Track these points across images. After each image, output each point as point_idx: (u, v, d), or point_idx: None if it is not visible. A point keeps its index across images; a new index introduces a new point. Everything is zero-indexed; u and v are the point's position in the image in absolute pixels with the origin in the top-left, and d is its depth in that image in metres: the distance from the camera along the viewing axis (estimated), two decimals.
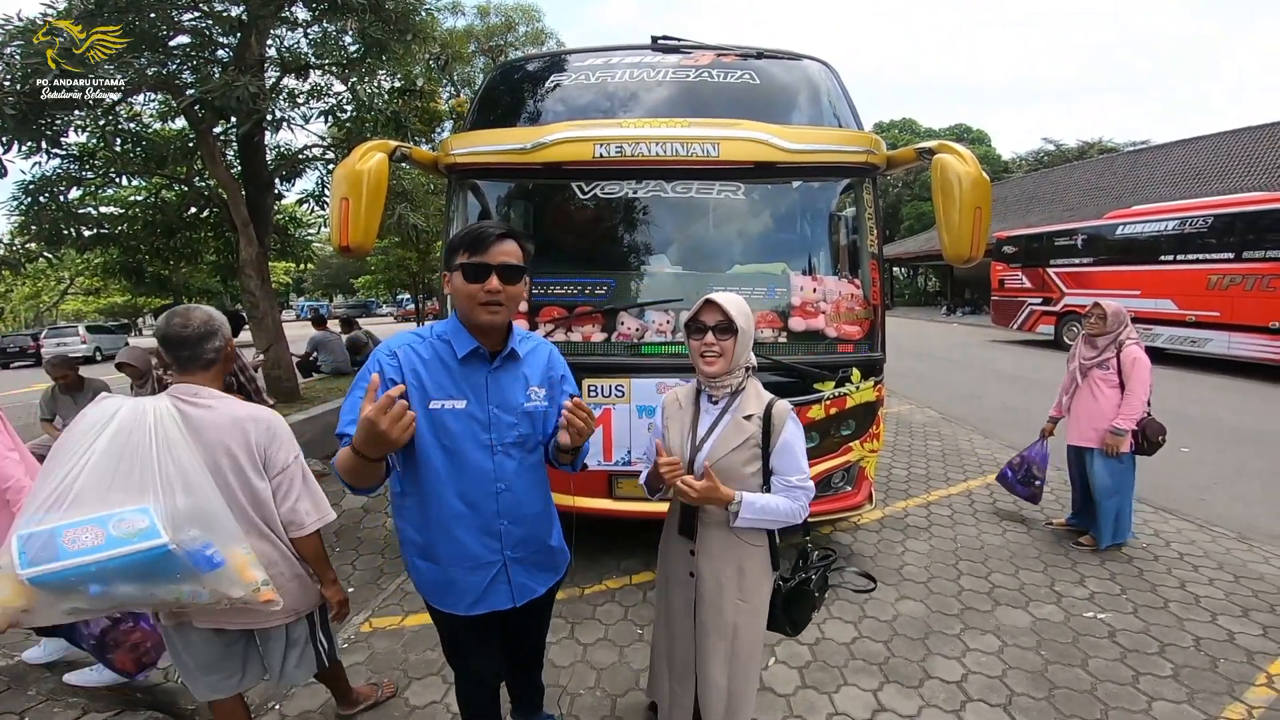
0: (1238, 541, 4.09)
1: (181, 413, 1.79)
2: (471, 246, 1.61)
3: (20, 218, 6.64)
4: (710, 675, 1.95)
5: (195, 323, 1.89)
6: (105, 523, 1.59)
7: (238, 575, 1.73)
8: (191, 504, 1.68)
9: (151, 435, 1.70)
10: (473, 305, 1.62)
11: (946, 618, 3.26)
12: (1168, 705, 2.57)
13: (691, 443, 1.93)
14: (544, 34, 22.35)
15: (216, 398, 1.87)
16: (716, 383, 1.90)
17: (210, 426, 1.80)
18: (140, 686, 2.76)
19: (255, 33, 6.21)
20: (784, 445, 1.86)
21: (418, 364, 1.66)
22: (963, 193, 2.92)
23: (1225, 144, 21.25)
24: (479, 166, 3.48)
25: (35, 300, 28.44)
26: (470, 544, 1.73)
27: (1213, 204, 11.47)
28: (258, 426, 1.87)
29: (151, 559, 1.60)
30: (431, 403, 1.65)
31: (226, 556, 1.71)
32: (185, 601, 1.73)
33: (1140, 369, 3.70)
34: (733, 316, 1.80)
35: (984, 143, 38.39)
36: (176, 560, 1.63)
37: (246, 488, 1.84)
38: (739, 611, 1.93)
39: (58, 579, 1.54)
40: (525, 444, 1.78)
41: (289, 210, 10.70)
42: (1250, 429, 7.07)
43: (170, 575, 1.65)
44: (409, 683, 2.79)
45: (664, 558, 2.15)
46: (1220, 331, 10.76)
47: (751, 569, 1.93)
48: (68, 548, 1.55)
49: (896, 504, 4.86)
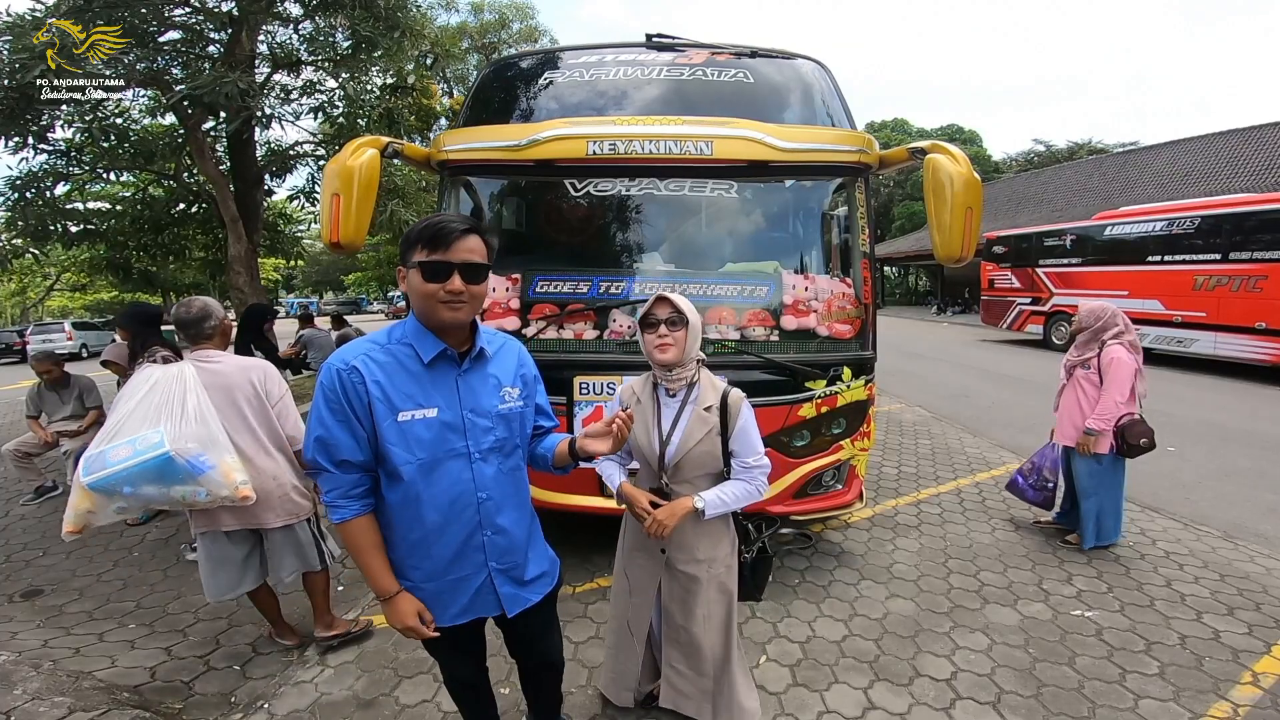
0: (1224, 540, 4.13)
1: (199, 369, 2.59)
2: (431, 242, 1.49)
3: (6, 214, 6.57)
4: (695, 638, 2.13)
5: (195, 309, 2.75)
6: (133, 442, 2.35)
7: (223, 478, 2.43)
8: (195, 428, 2.42)
9: (174, 385, 2.49)
10: (432, 304, 1.51)
11: (936, 616, 3.27)
12: (1154, 703, 2.59)
13: (659, 436, 2.05)
14: (537, 31, 22.34)
15: (223, 357, 2.72)
16: (672, 374, 2.03)
17: (223, 375, 2.62)
18: (127, 686, 2.75)
19: (246, 28, 6.16)
20: (741, 430, 2.03)
21: (379, 375, 1.54)
22: (954, 193, 2.93)
23: (1213, 145, 21.46)
24: (471, 163, 3.47)
25: (21, 297, 28.13)
26: (451, 560, 1.65)
27: (1200, 205, 11.57)
28: (255, 371, 2.69)
29: (160, 463, 2.32)
30: (400, 415, 1.55)
31: (216, 463, 2.43)
32: (190, 500, 2.44)
33: (1117, 368, 3.67)
34: (683, 309, 1.97)
35: (975, 143, 38.58)
36: (178, 465, 2.34)
37: (258, 414, 2.65)
38: (712, 578, 2.13)
39: (105, 483, 2.31)
40: (503, 448, 1.69)
41: (279, 206, 10.62)
42: (1236, 428, 7.14)
43: (176, 477, 2.37)
44: (399, 681, 2.78)
45: (630, 541, 2.26)
46: (1207, 332, 10.87)
47: (720, 543, 2.16)
48: (111, 460, 2.32)
49: (887, 502, 4.88)
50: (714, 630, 2.16)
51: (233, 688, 2.79)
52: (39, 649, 3.08)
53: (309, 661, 2.94)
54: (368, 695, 2.69)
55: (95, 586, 3.81)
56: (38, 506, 5.18)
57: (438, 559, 1.64)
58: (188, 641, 3.19)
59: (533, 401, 1.80)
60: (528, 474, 1.85)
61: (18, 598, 3.70)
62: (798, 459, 3.39)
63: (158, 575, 3.93)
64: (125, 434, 2.36)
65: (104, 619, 3.43)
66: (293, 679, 2.81)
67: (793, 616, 3.27)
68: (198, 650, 3.10)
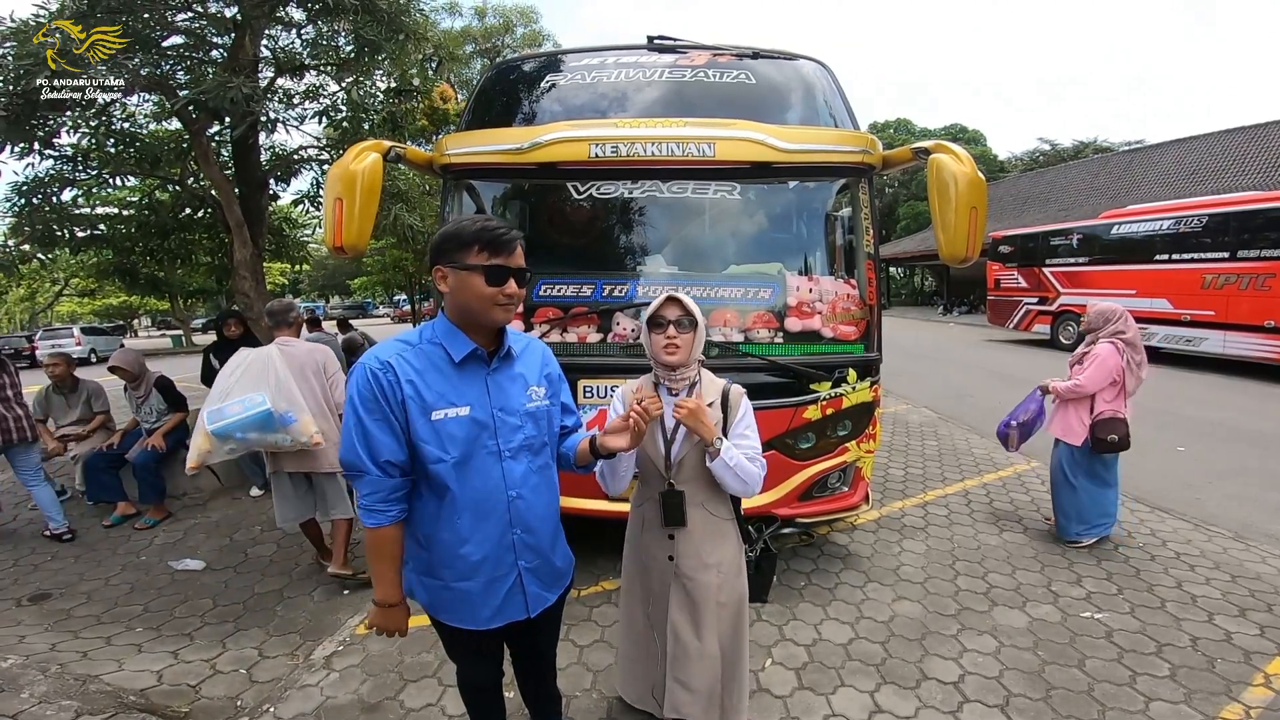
0: (1234, 541, 4.09)
1: (280, 351, 3.52)
2: (493, 246, 1.53)
3: (13, 219, 6.61)
4: (705, 644, 2.06)
5: (283, 304, 3.83)
6: (243, 401, 3.29)
7: (303, 429, 3.37)
8: (282, 393, 3.35)
9: (265, 362, 3.43)
10: (488, 306, 1.55)
11: (943, 618, 3.25)
12: (1165, 705, 2.57)
13: (663, 436, 2.05)
14: (541, 35, 22.39)
15: (296, 343, 3.68)
16: (677, 375, 2.02)
17: (297, 356, 3.59)
18: (134, 690, 2.75)
19: (249, 33, 6.17)
20: (740, 420, 2.05)
21: (412, 374, 1.57)
22: (959, 192, 2.92)
23: (1220, 143, 21.33)
24: (474, 166, 3.47)
25: (30, 302, 28.33)
26: (485, 558, 1.65)
27: (1207, 203, 11.51)
28: (319, 353, 3.69)
29: (263, 417, 3.27)
30: (434, 414, 1.57)
31: (298, 418, 3.36)
32: (279, 444, 3.40)
33: (1096, 360, 3.78)
34: (692, 311, 1.97)
35: (979, 142, 38.43)
36: (274, 418, 3.29)
37: (320, 386, 3.61)
38: (723, 581, 2.08)
39: (223, 430, 3.26)
40: (532, 446, 1.71)
41: (284, 211, 10.66)
42: (1246, 428, 7.09)
43: (272, 427, 3.32)
44: (404, 685, 2.78)
45: (638, 549, 2.22)
46: (1215, 331, 10.79)
47: (726, 544, 2.12)
48: (228, 414, 3.27)
49: (893, 504, 4.85)
50: (724, 637, 2.11)
51: (239, 691, 2.80)
52: (47, 652, 3.09)
53: (314, 665, 2.94)
54: (373, 699, 2.69)
55: (103, 590, 3.83)
56: None
57: (470, 558, 1.65)
58: (194, 645, 3.20)
59: (558, 400, 1.82)
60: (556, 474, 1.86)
61: (26, 601, 3.72)
62: (803, 461, 3.38)
63: (165, 579, 3.94)
64: (235, 395, 3.30)
65: (111, 622, 3.45)
66: (298, 683, 2.82)
67: (798, 619, 3.26)
68: (204, 654, 3.10)
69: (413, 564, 1.72)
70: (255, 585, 3.83)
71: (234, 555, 4.26)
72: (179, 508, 5.12)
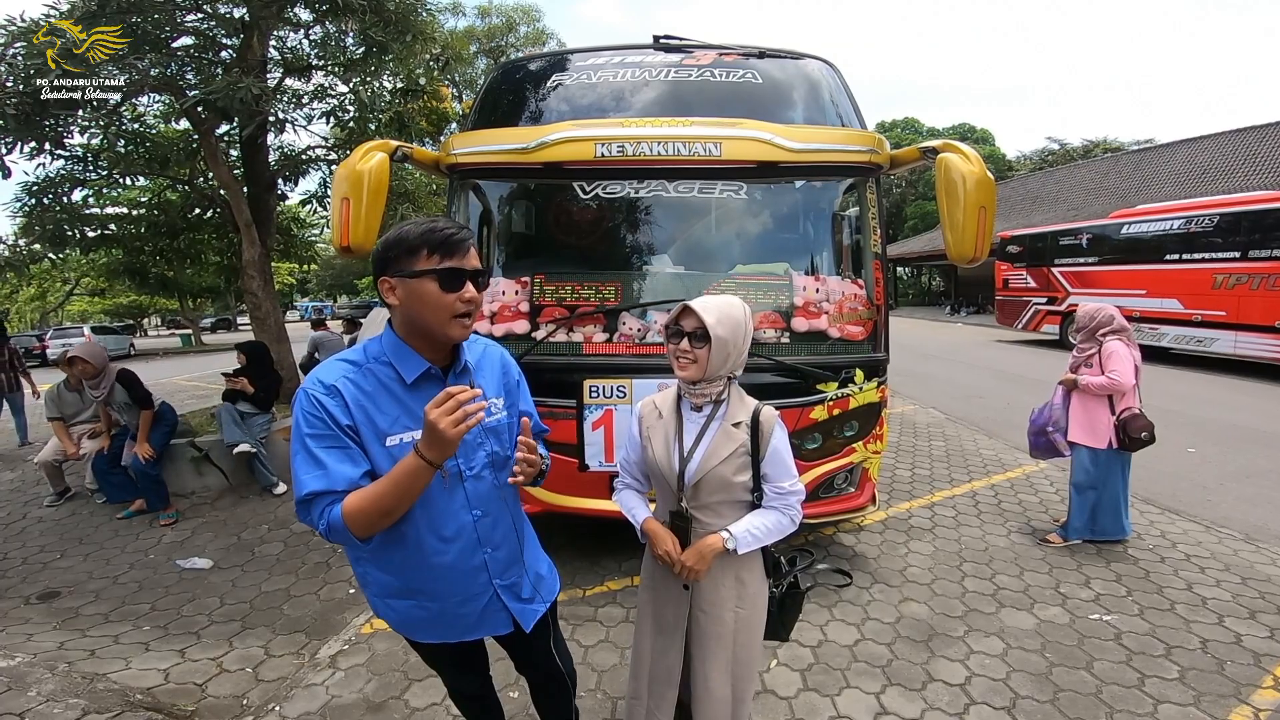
0: (1245, 543, 4.06)
1: None
2: (444, 249, 1.38)
3: (24, 219, 6.66)
4: (712, 686, 1.89)
5: None
6: None
7: None
8: None
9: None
10: (445, 318, 1.41)
11: (950, 620, 3.23)
12: (1174, 708, 2.54)
13: (679, 453, 1.84)
14: (544, 34, 22.45)
15: None
16: (695, 389, 1.83)
17: None
18: (141, 688, 2.77)
19: (257, 34, 6.20)
20: (774, 453, 1.81)
21: (362, 398, 1.42)
22: (967, 192, 2.90)
23: (1231, 143, 21.17)
24: (480, 166, 3.47)
25: (41, 301, 28.56)
26: (455, 581, 1.56)
27: (1218, 203, 11.40)
28: None
29: None
30: (388, 440, 1.43)
31: None
32: None
33: (1115, 360, 3.73)
34: (709, 325, 1.71)
35: (988, 142, 38.24)
36: None
37: None
38: (740, 620, 1.89)
39: None
40: (495, 462, 1.59)
41: (292, 211, 10.70)
42: (1257, 429, 7.02)
43: None
44: (409, 684, 2.78)
45: (653, 573, 2.06)
46: (1226, 331, 10.70)
47: (749, 578, 1.90)
48: None
49: (900, 505, 4.83)
50: (737, 677, 1.93)
51: (245, 690, 2.81)
52: (54, 651, 3.11)
53: (320, 664, 2.95)
54: (378, 698, 2.70)
55: (111, 589, 3.85)
56: (56, 510, 5.24)
57: (440, 581, 1.56)
58: (201, 644, 3.21)
59: (517, 409, 1.70)
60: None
61: (35, 600, 3.75)
62: (810, 462, 3.37)
63: (172, 578, 3.96)
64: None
65: (119, 621, 3.47)
66: (304, 681, 2.83)
67: (804, 620, 3.23)
68: (210, 652, 3.12)
69: (375, 588, 1.60)
70: (262, 584, 3.84)
71: (241, 554, 4.28)
72: (186, 506, 5.15)
